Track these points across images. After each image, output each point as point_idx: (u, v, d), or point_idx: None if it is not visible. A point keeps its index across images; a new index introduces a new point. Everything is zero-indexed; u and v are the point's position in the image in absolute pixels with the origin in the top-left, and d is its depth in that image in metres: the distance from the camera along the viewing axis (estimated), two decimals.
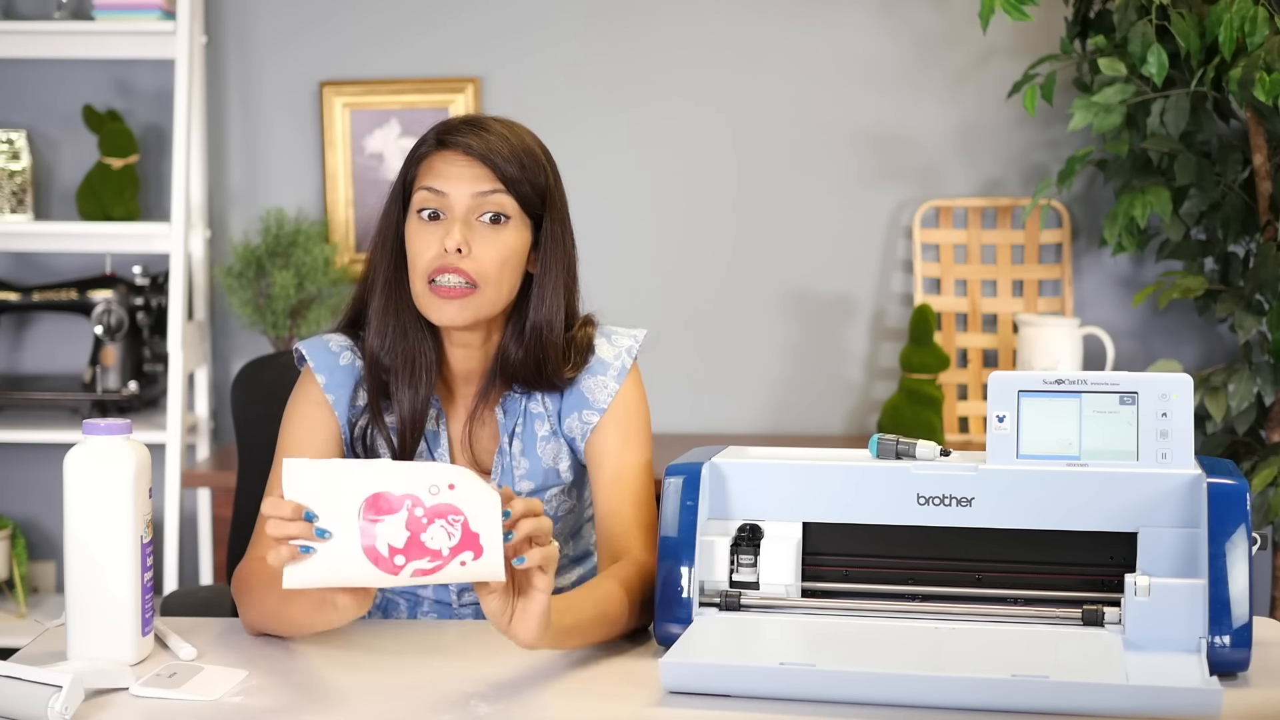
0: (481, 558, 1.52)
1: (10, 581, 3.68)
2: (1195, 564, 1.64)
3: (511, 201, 1.89)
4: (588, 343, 1.99)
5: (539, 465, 1.98)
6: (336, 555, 1.53)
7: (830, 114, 3.70)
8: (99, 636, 1.68)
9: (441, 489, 1.52)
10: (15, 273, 3.76)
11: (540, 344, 1.94)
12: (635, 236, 3.70)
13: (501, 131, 1.91)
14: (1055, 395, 1.74)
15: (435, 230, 1.89)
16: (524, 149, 1.91)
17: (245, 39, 3.74)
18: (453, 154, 1.89)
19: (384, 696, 1.61)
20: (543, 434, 1.98)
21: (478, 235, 1.88)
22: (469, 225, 1.88)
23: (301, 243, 3.60)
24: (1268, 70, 2.97)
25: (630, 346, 2.00)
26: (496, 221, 1.89)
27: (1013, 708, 1.51)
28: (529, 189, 1.90)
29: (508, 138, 1.90)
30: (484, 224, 1.89)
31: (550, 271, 1.94)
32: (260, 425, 2.27)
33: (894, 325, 3.73)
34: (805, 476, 1.77)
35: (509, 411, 1.98)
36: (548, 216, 1.93)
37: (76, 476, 1.67)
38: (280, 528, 1.54)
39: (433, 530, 1.52)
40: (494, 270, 1.88)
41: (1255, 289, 3.21)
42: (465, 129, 1.91)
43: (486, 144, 1.89)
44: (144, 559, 1.70)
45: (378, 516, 1.53)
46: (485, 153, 1.88)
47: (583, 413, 1.97)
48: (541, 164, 1.93)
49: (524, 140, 1.92)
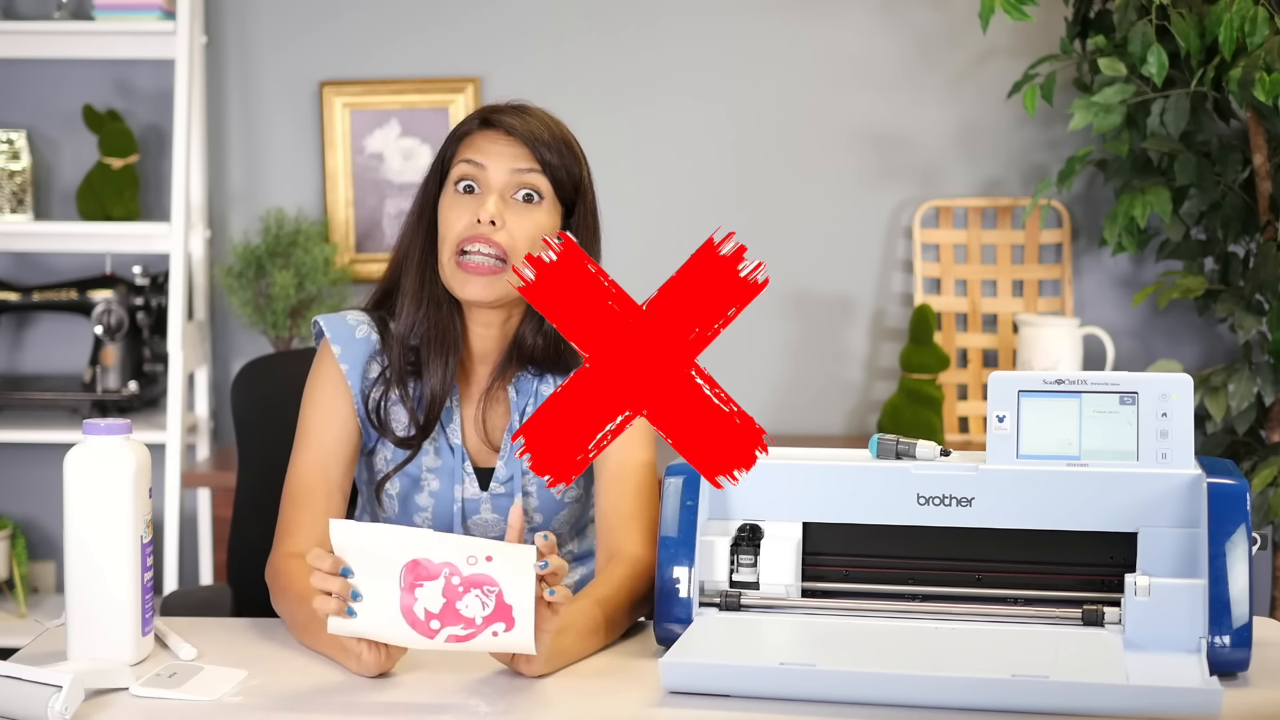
0: (514, 629, 1.58)
1: (10, 581, 3.68)
2: (1195, 564, 1.64)
3: (547, 183, 1.95)
4: None
5: None
6: (376, 612, 1.59)
7: (830, 114, 3.70)
8: (99, 636, 1.68)
9: (479, 560, 1.57)
10: (15, 273, 3.76)
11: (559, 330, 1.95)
12: (635, 236, 3.70)
13: (544, 118, 1.99)
14: (1055, 395, 1.74)
15: (470, 203, 1.93)
16: (564, 139, 1.98)
17: (245, 39, 3.74)
18: (495, 133, 1.96)
19: (384, 696, 1.61)
20: None
21: (511, 211, 1.93)
22: (504, 200, 1.93)
23: (301, 243, 3.60)
24: (1268, 70, 2.97)
25: None
26: (530, 200, 1.94)
27: (1013, 708, 1.51)
28: (564, 175, 1.96)
29: (549, 125, 1.98)
30: (518, 201, 1.94)
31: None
32: (260, 425, 2.27)
33: (894, 325, 3.73)
34: (805, 476, 1.77)
35: (521, 391, 2.01)
36: (580, 205, 1.99)
37: (77, 476, 1.67)
38: (320, 580, 1.60)
39: (468, 599, 1.58)
40: (525, 245, 1.92)
41: (1255, 289, 3.21)
42: (510, 111, 1.98)
43: (529, 126, 1.95)
44: (144, 559, 1.70)
45: (417, 581, 1.58)
46: (527, 133, 1.95)
47: None
48: (578, 157, 2.00)
49: (564, 132, 2.00)
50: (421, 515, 2.00)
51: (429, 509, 2.00)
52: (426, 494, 2.00)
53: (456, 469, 1.99)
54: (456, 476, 1.99)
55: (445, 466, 2.00)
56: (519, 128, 1.95)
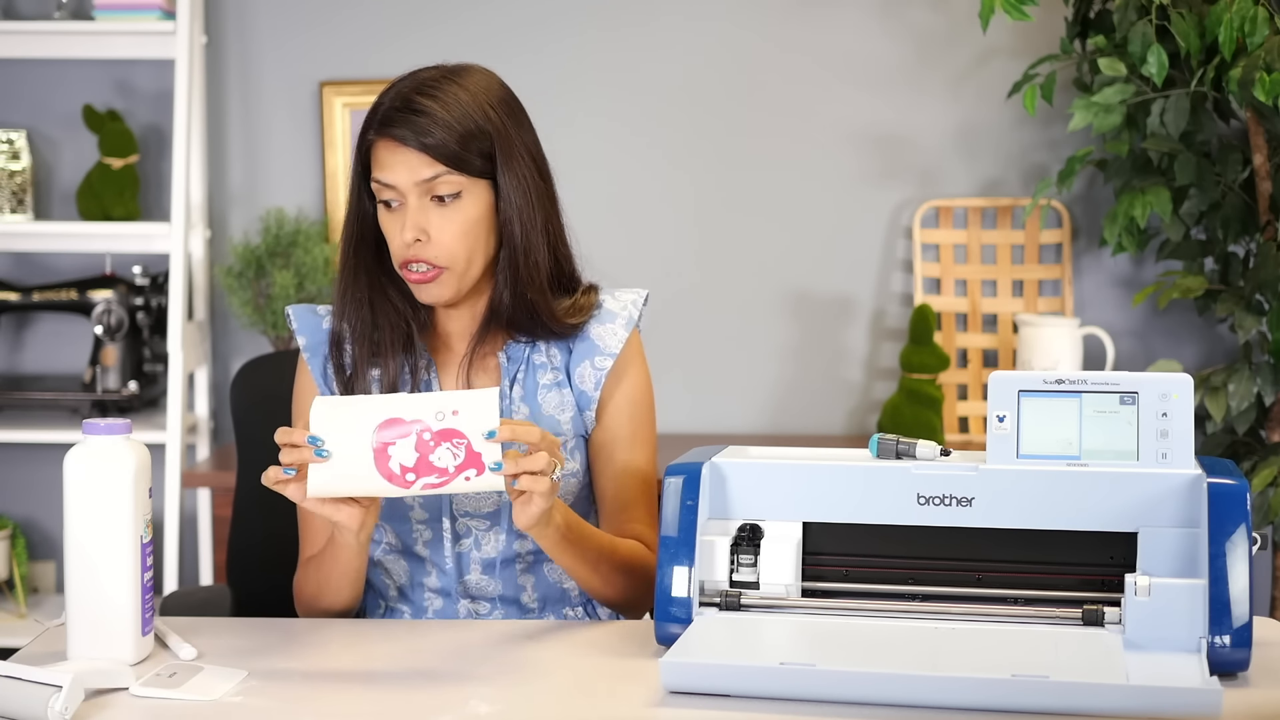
0: (483, 474, 1.70)
1: (10, 581, 3.68)
2: (1195, 564, 1.64)
3: (458, 177, 1.90)
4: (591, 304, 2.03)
5: (539, 412, 2.00)
6: (352, 466, 1.71)
7: (830, 114, 3.70)
8: (99, 636, 1.68)
9: (446, 415, 1.69)
10: (15, 273, 3.76)
11: (523, 283, 1.96)
12: (635, 236, 3.70)
13: (434, 108, 1.89)
14: (1055, 395, 1.74)
15: (396, 218, 1.93)
16: (461, 117, 1.90)
17: (245, 39, 3.74)
18: (391, 142, 1.90)
19: (383, 696, 1.61)
20: (544, 382, 2.01)
21: (433, 218, 1.91)
22: (423, 210, 1.90)
23: (301, 243, 3.60)
24: (1268, 70, 2.97)
25: (635, 300, 2.05)
26: (448, 199, 1.91)
27: (1013, 708, 1.51)
28: (474, 157, 1.90)
29: (439, 114, 1.89)
30: (437, 203, 1.91)
31: (516, 217, 1.94)
32: (260, 425, 2.26)
33: (894, 325, 3.73)
34: (805, 476, 1.77)
35: (512, 358, 2.01)
36: (501, 171, 1.93)
37: (76, 476, 1.67)
38: (289, 454, 1.72)
39: (440, 451, 1.70)
40: (458, 247, 1.91)
41: (1255, 289, 3.21)
42: (398, 116, 1.89)
43: (420, 130, 1.88)
44: (144, 559, 1.70)
45: (390, 439, 1.69)
46: (420, 141, 1.88)
47: (595, 359, 2.01)
48: (481, 124, 1.91)
49: (461, 104, 1.90)
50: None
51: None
52: None
53: None
54: None
55: None
56: (410, 138, 1.88)
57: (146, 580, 1.70)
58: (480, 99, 1.92)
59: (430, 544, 2.00)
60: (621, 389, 2.02)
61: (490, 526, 1.99)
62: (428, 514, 1.99)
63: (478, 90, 1.93)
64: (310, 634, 1.87)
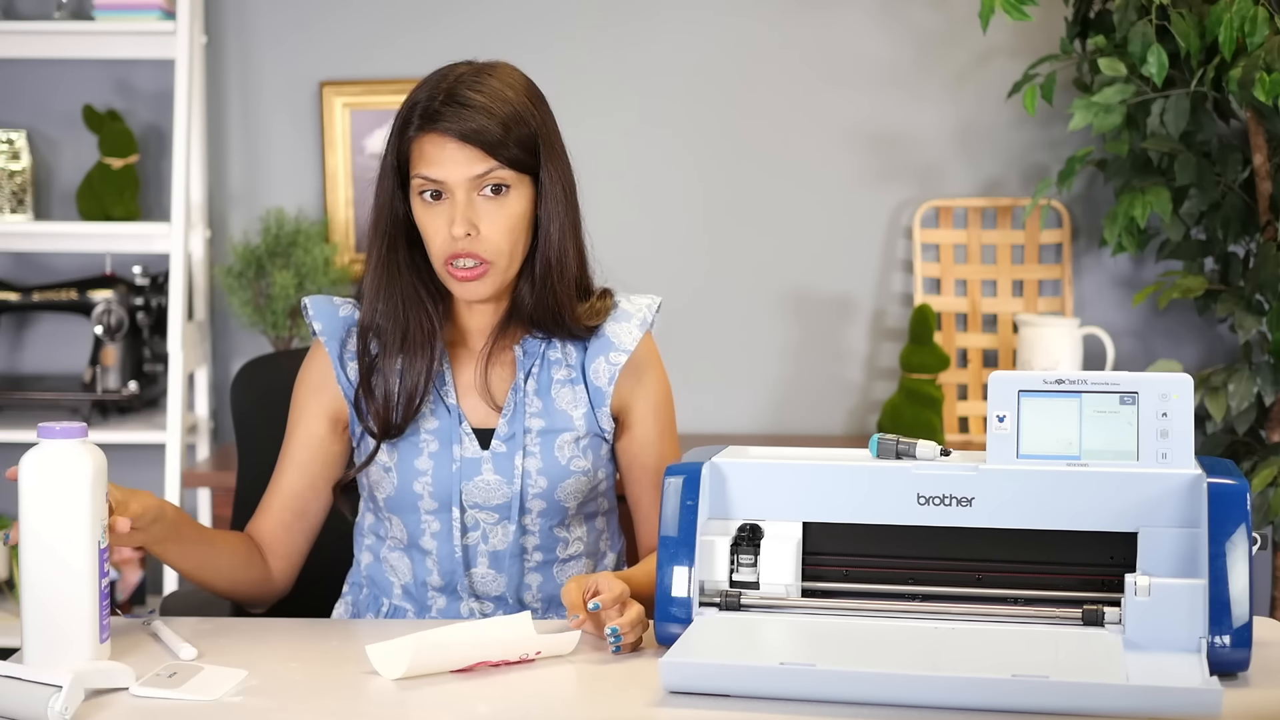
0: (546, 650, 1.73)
1: (10, 582, 3.68)
2: (1195, 564, 1.64)
3: (508, 172, 1.92)
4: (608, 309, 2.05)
5: (552, 406, 2.01)
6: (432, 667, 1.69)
7: (830, 114, 3.70)
8: (57, 644, 1.64)
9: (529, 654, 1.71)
10: (15, 273, 3.76)
11: (552, 283, 1.97)
12: (634, 236, 3.70)
13: (483, 102, 1.90)
14: (1055, 395, 1.74)
15: (441, 211, 1.92)
16: (509, 114, 1.92)
17: (245, 39, 3.74)
18: (442, 137, 1.90)
19: (384, 696, 1.61)
20: (558, 378, 2.02)
21: (482, 213, 1.92)
22: (471, 204, 1.91)
23: (301, 243, 3.60)
24: (1268, 70, 2.97)
25: (649, 304, 2.07)
26: (498, 192, 1.92)
27: (1013, 708, 1.51)
28: (521, 153, 1.92)
29: (489, 107, 1.90)
30: (486, 198, 1.91)
31: (555, 214, 1.97)
32: (260, 425, 2.27)
33: (894, 325, 3.73)
34: (805, 476, 1.77)
35: (528, 353, 2.02)
36: (544, 166, 1.95)
37: (32, 481, 1.64)
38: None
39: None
40: (505, 243, 1.93)
41: (1255, 289, 3.21)
42: (447, 110, 1.90)
43: (472, 122, 1.89)
44: (101, 564, 1.66)
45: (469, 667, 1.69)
46: (473, 134, 1.89)
47: (610, 354, 2.02)
48: (527, 118, 1.93)
49: (507, 99, 1.92)
50: (421, 481, 2.00)
51: (429, 472, 2.00)
52: (425, 456, 2.00)
53: (454, 429, 2.00)
54: (455, 437, 2.00)
55: (443, 427, 2.00)
56: (462, 130, 1.89)
57: (104, 586, 1.67)
58: (520, 94, 1.94)
59: (438, 535, 2.00)
60: (645, 394, 2.05)
61: (499, 520, 2.00)
62: (437, 504, 1.99)
63: (516, 85, 1.95)
64: (310, 634, 1.87)
